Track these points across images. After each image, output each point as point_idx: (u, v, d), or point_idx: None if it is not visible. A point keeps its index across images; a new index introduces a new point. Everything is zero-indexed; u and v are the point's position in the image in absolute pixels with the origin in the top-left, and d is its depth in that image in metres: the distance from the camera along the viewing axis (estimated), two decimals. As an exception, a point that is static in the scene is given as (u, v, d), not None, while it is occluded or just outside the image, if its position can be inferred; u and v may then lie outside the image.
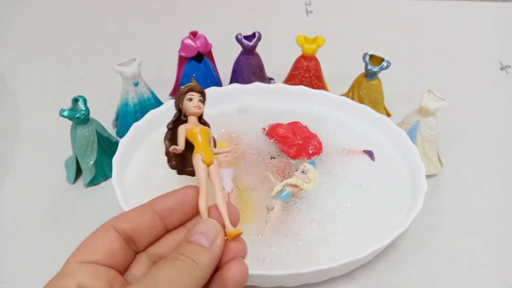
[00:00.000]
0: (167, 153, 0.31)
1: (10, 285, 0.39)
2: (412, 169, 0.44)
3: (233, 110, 0.51)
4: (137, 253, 0.26)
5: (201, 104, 0.31)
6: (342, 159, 0.46)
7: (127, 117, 0.51)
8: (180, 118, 0.31)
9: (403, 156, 0.45)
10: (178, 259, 0.23)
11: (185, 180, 0.43)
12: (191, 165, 0.30)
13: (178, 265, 0.23)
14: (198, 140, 0.29)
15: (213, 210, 0.27)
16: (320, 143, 0.46)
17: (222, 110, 0.50)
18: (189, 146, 0.30)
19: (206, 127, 0.31)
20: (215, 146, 0.32)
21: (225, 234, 0.26)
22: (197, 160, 0.29)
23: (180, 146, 0.30)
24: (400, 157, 0.46)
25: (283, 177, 0.43)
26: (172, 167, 0.31)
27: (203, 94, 0.31)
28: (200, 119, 0.32)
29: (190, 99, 0.30)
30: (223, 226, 0.26)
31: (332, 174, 0.44)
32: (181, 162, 0.31)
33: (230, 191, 0.41)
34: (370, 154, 0.45)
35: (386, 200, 0.42)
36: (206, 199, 0.28)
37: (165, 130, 0.31)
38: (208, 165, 0.29)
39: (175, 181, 0.43)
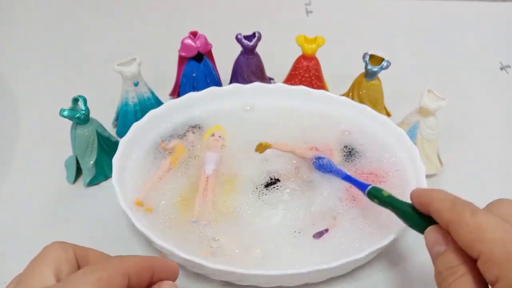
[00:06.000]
0: None
1: (10, 285, 0.39)
2: (412, 169, 0.44)
3: (232, 110, 0.51)
4: None
5: None
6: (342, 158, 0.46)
7: (127, 117, 0.51)
8: None
9: (403, 156, 0.45)
10: None
11: (183, 180, 0.44)
12: None
13: None
14: None
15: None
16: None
17: (221, 109, 0.50)
18: None
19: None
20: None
21: None
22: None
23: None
24: (400, 157, 0.46)
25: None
26: None
27: None
28: None
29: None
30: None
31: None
32: None
33: (210, 174, 0.44)
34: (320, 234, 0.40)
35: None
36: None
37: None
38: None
39: (174, 181, 0.44)
